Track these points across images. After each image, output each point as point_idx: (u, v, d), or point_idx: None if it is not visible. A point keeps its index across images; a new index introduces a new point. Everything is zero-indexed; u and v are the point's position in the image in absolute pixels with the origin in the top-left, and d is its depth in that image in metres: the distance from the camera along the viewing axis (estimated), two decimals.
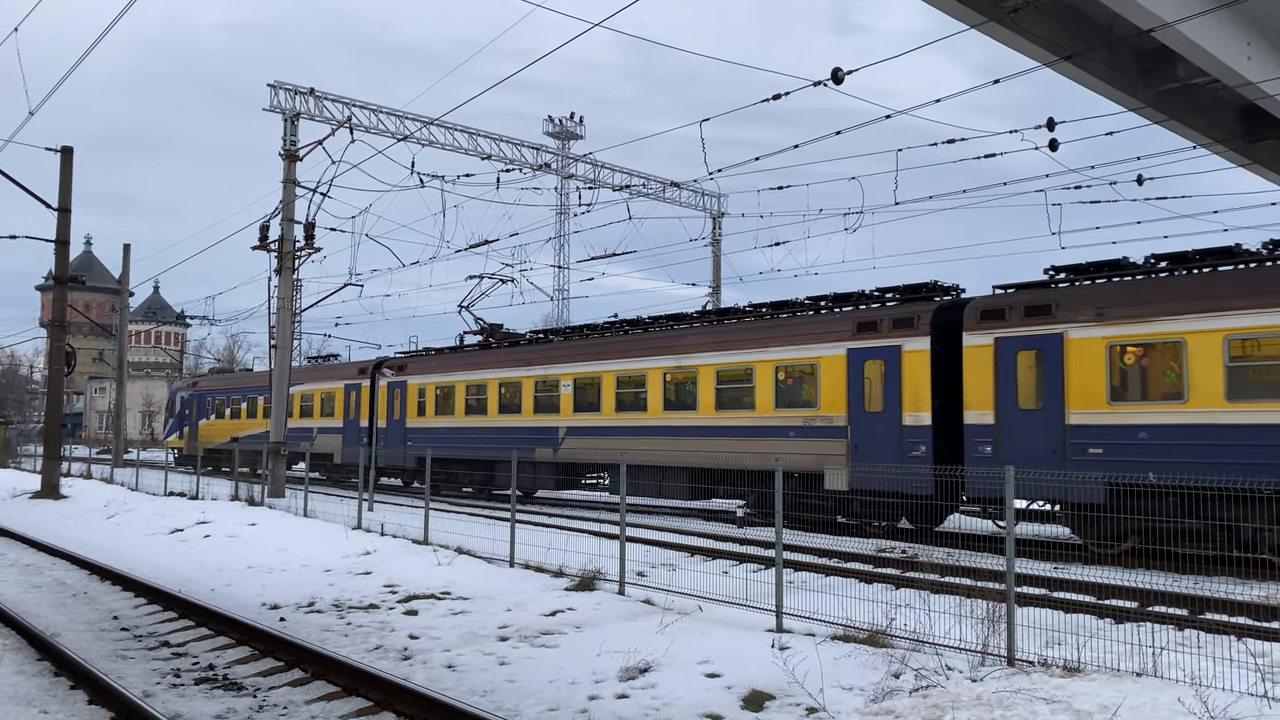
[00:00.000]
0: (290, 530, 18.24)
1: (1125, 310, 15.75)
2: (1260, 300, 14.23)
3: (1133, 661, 7.88)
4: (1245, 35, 15.97)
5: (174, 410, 46.98)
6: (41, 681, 8.43)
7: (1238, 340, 14.38)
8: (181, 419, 45.36)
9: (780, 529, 10.67)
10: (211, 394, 43.38)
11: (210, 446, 37.89)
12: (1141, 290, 15.97)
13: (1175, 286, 15.78)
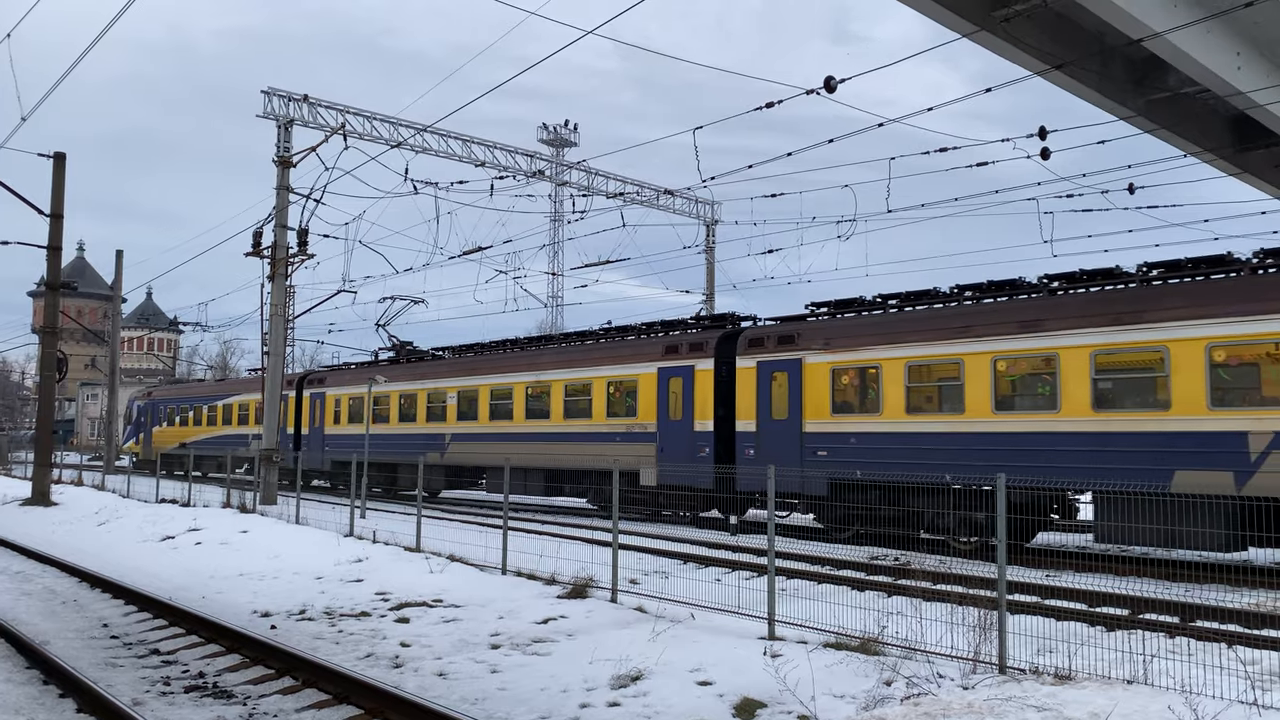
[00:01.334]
0: (282, 537, 18.18)
1: (842, 342, 19.47)
2: (930, 336, 18.09)
3: (1124, 669, 7.89)
4: (1235, 45, 16.08)
5: (131, 418, 50.08)
6: (30, 690, 8.39)
7: (914, 367, 18.25)
8: (138, 426, 47.88)
9: (772, 537, 10.67)
10: (164, 402, 46.21)
11: (163, 451, 40.72)
12: (852, 326, 19.80)
13: (873, 324, 19.46)
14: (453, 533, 18.57)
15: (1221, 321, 14.46)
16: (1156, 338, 15.09)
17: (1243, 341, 14.31)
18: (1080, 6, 14.39)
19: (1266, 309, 14.06)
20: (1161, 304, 15.28)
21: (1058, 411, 16.14)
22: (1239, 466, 14.06)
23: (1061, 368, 16.12)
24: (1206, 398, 14.55)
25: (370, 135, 29.78)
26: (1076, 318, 16.21)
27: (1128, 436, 15.30)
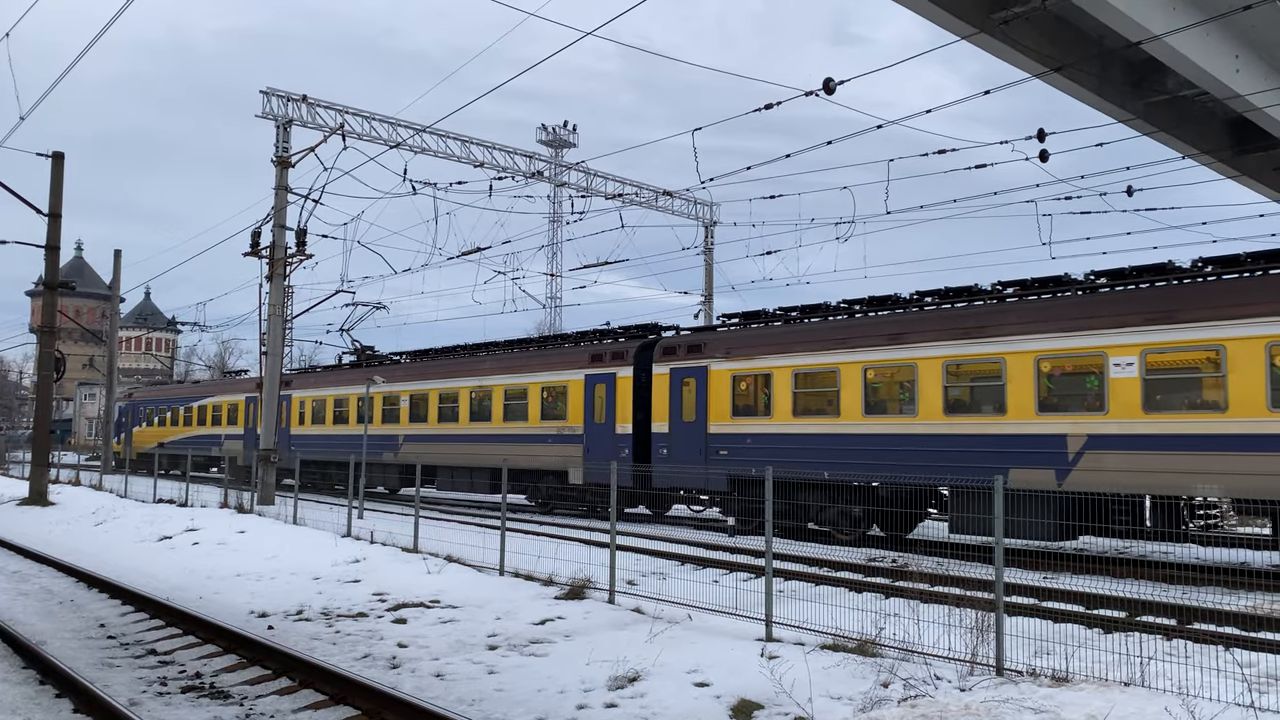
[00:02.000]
0: (279, 538, 18.16)
1: (741, 351, 21.23)
2: (814, 347, 19.81)
3: (1121, 671, 7.89)
4: (1233, 48, 16.10)
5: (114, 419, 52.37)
6: (26, 690, 8.37)
7: (800, 374, 20.00)
8: (119, 426, 49.76)
9: (770, 539, 10.67)
10: (144, 404, 48.52)
11: (142, 450, 43.18)
12: (750, 337, 21.51)
13: (768, 335, 21.09)
14: (450, 533, 18.57)
15: (1049, 337, 16.28)
16: (996, 350, 16.89)
17: (1065, 354, 16.18)
18: (1079, 9, 14.41)
19: (1086, 326, 15.82)
20: (1001, 321, 17.05)
21: (916, 416, 17.93)
22: (1060, 465, 15.89)
23: (920, 376, 17.89)
24: (1035, 404, 16.35)
25: (369, 135, 29.76)
26: (933, 331, 17.95)
27: (972, 438, 17.07)
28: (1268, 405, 13.98)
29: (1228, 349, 14.40)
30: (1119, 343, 15.46)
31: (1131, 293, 16.20)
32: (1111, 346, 15.54)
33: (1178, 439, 14.78)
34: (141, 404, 48.60)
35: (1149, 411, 15.16)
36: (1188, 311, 14.86)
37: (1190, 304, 14.98)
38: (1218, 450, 14.34)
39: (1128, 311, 15.58)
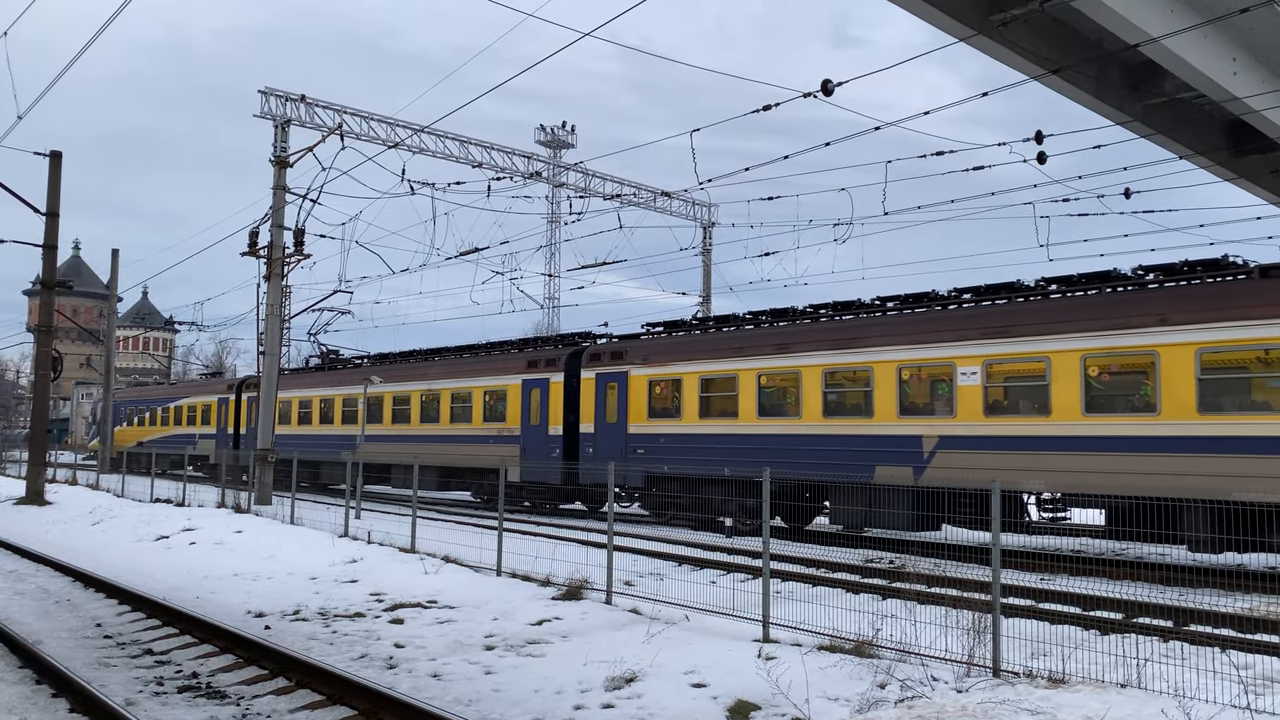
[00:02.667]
0: (277, 538, 18.15)
1: (657, 358, 23.15)
2: (716, 355, 21.89)
3: (1117, 673, 7.89)
4: (1231, 51, 16.12)
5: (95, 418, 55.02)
6: (22, 689, 8.36)
7: (705, 380, 21.88)
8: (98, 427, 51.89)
9: (767, 539, 10.68)
10: (124, 404, 50.16)
11: (122, 449, 44.00)
12: (665, 344, 23.47)
13: (679, 343, 23.29)
14: (447, 534, 18.56)
15: (909, 348, 18.17)
16: (865, 360, 18.82)
17: (922, 364, 18.06)
18: (1077, 11, 14.43)
19: (939, 339, 17.81)
20: (869, 333, 19.01)
21: (800, 418, 19.86)
22: (916, 463, 17.75)
23: (803, 382, 19.82)
24: (897, 408, 18.21)
25: (367, 135, 29.73)
26: (814, 342, 19.99)
27: (847, 438, 18.92)
28: (1082, 410, 15.73)
29: (1052, 360, 16.12)
30: (965, 354, 17.28)
31: (975, 309, 18.01)
32: (959, 358, 17.37)
33: (1012, 440, 16.59)
34: (122, 404, 49.99)
35: (989, 415, 17.04)
36: (1020, 328, 16.66)
37: (1023, 321, 16.74)
38: (1043, 450, 16.09)
39: (972, 327, 17.32)
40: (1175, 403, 14.76)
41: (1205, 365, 14.53)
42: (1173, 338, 14.79)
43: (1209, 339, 14.49)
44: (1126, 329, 15.40)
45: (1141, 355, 15.26)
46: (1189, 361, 14.62)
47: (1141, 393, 15.43)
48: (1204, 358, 14.54)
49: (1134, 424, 15.22)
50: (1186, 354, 14.65)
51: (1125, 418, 15.39)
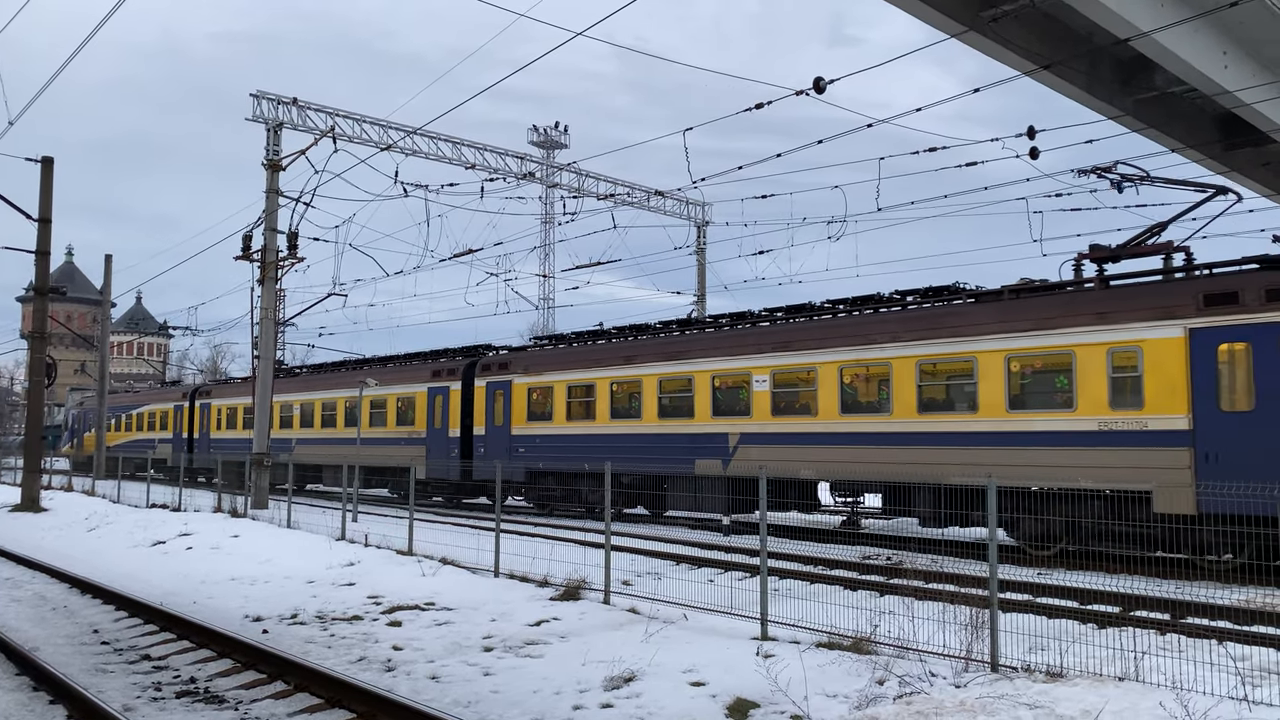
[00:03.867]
0: (273, 542, 18.12)
1: (535, 368, 26.26)
2: (579, 365, 24.96)
3: (1115, 666, 7.92)
4: (1221, 44, 16.15)
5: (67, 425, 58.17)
6: (20, 696, 8.34)
7: (571, 387, 25.12)
8: (72, 432, 55.85)
9: (764, 538, 10.68)
10: (92, 412, 52.35)
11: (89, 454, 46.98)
12: (541, 356, 26.86)
13: (552, 355, 26.48)
14: (445, 536, 18.54)
15: (719, 360, 21.56)
16: (687, 370, 22.14)
17: (729, 373, 21.33)
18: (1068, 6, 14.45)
19: (741, 352, 21.15)
20: (691, 348, 22.31)
21: (641, 419, 23.07)
22: (724, 455, 21.02)
23: (644, 389, 23.14)
24: (711, 410, 21.47)
25: (360, 138, 29.71)
26: (651, 355, 23.24)
27: (676, 436, 22.19)
28: (839, 411, 19.11)
29: (818, 370, 19.55)
30: (759, 365, 20.66)
31: (770, 328, 21.36)
32: (755, 368, 20.74)
33: (791, 435, 19.91)
34: (90, 411, 52.94)
35: (775, 415, 20.31)
36: (796, 344, 20.14)
37: (798, 338, 20.18)
38: (812, 444, 19.40)
39: (765, 343, 20.75)
40: (903, 404, 18.11)
41: (923, 374, 17.95)
42: (900, 352, 18.21)
43: (924, 353, 17.88)
44: (870, 344, 18.77)
45: (880, 366, 18.59)
46: (911, 371, 17.94)
47: (880, 396, 18.66)
48: (922, 367, 17.93)
49: (874, 422, 18.57)
50: (909, 365, 18.00)
51: (869, 417, 18.78)
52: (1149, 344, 15.22)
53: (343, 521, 19.59)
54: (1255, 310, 14.27)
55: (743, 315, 22.84)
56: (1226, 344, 14.59)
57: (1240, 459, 13.97)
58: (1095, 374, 15.72)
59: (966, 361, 17.32)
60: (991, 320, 17.12)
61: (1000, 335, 16.86)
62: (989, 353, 16.94)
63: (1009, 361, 16.76)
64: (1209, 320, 14.74)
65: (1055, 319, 16.36)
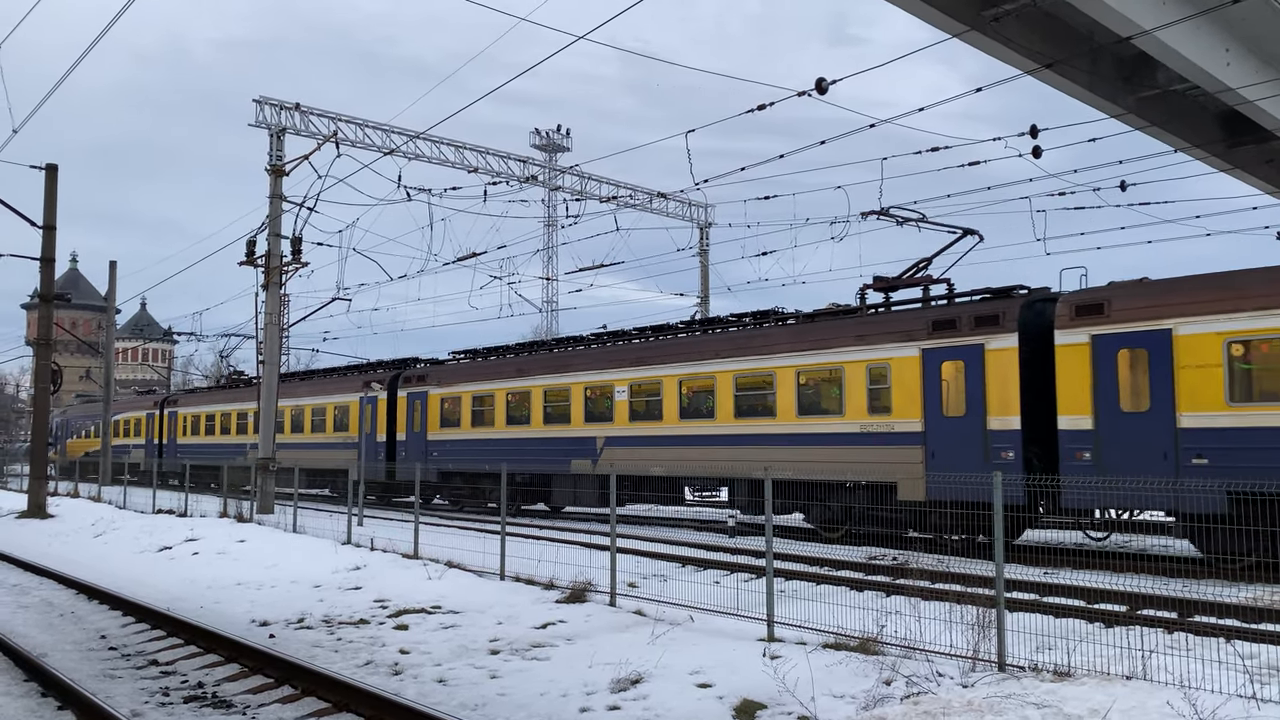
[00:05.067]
0: (279, 546, 18.14)
1: (448, 380, 29.55)
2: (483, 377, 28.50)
3: (1122, 665, 7.90)
4: (1224, 42, 16.12)
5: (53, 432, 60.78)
6: (28, 702, 8.36)
7: (475, 396, 28.35)
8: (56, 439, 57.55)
9: (770, 539, 10.67)
10: (75, 419, 57.35)
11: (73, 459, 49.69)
12: (453, 370, 30.19)
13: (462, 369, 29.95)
14: (450, 539, 18.54)
15: (587, 374, 24.96)
16: (566, 381, 25.51)
17: (597, 385, 24.61)
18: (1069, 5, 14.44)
19: (606, 366, 24.50)
20: (571, 363, 25.74)
21: (530, 425, 26.39)
22: (593, 456, 24.30)
23: (532, 399, 26.45)
24: (583, 417, 24.78)
25: (363, 143, 29.75)
26: (539, 368, 26.58)
27: (556, 439, 25.43)
28: (679, 417, 22.44)
29: (664, 382, 22.92)
30: (619, 378, 24.03)
31: (627, 346, 24.90)
32: (616, 380, 24.12)
33: (645, 438, 23.17)
34: (73, 419, 57.51)
35: (632, 421, 23.58)
36: (647, 360, 23.51)
37: (649, 355, 23.59)
38: (660, 445, 22.70)
39: (624, 360, 24.18)
40: (724, 411, 21.47)
41: (738, 385, 21.23)
42: (722, 367, 21.69)
43: (739, 368, 21.27)
44: (701, 361, 22.25)
45: (707, 379, 21.99)
46: (730, 383, 21.38)
47: (707, 404, 21.96)
48: (738, 381, 21.20)
49: (704, 426, 21.90)
50: (729, 378, 21.43)
51: (701, 422, 21.98)
52: (895, 361, 18.50)
53: (348, 526, 19.61)
54: (967, 334, 17.49)
55: (611, 334, 26.86)
56: (948, 361, 17.70)
57: (954, 456, 17.22)
58: (858, 386, 19.05)
59: (768, 375, 20.75)
60: (786, 342, 20.59)
61: (791, 354, 20.34)
62: (783, 368, 20.44)
63: (798, 375, 20.17)
64: (936, 342, 17.90)
65: (830, 340, 19.77)
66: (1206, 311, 14.86)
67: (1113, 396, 15.65)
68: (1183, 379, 14.92)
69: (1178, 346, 15.01)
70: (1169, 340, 15.09)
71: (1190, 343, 14.90)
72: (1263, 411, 14.19)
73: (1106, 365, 15.73)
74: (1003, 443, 16.76)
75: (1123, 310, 15.70)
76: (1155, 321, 15.29)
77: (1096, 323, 15.91)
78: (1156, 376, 15.23)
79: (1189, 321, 14.97)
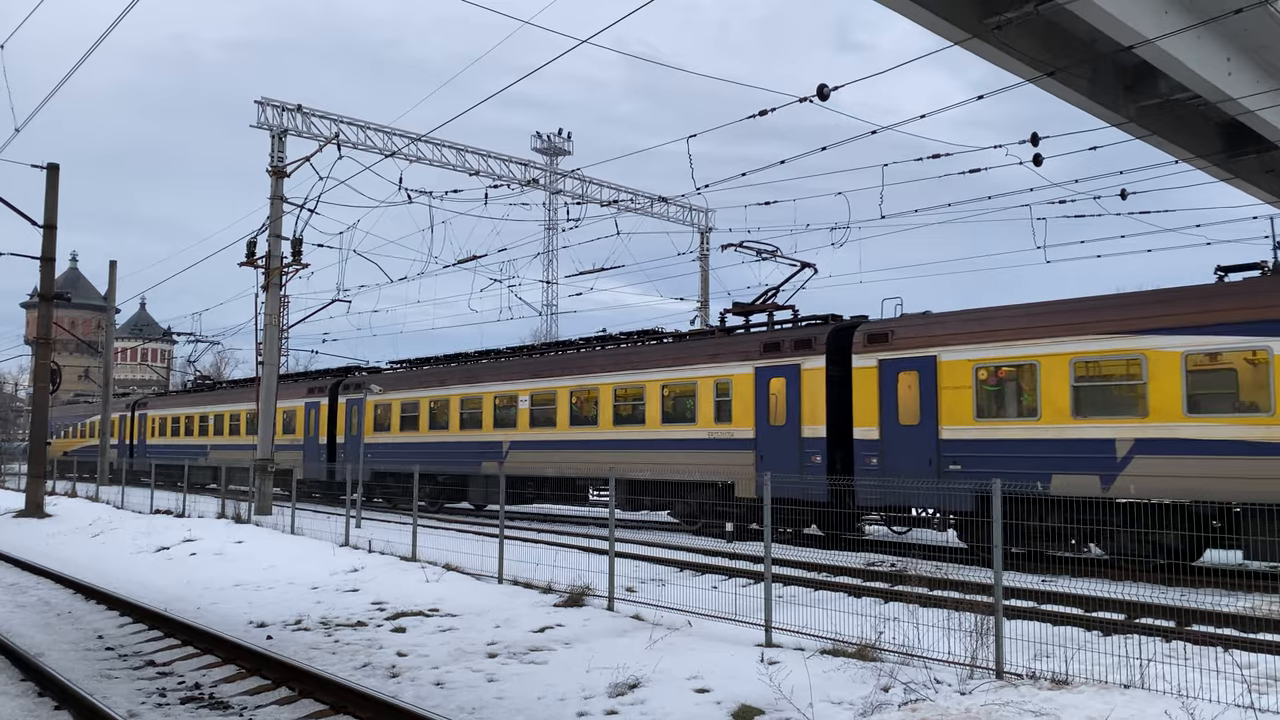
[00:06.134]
0: (277, 548, 18.13)
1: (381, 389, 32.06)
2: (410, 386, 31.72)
3: (1120, 673, 7.89)
4: (1225, 51, 16.14)
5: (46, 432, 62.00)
6: (25, 702, 8.35)
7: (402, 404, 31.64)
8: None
9: (769, 544, 10.67)
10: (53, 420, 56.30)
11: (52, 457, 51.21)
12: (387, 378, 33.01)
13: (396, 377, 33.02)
14: (448, 542, 18.52)
15: (496, 384, 27.94)
16: (480, 391, 28.36)
17: (504, 394, 27.59)
18: (1071, 14, 14.46)
19: (512, 379, 27.58)
20: (483, 375, 28.76)
21: (448, 430, 29.08)
22: (500, 458, 27.07)
23: (450, 407, 29.05)
24: (493, 423, 27.76)
25: (364, 145, 29.75)
26: (455, 379, 29.36)
27: (470, 444, 28.16)
28: (569, 424, 25.38)
29: (558, 392, 25.75)
30: (522, 389, 27.02)
31: (527, 360, 28.06)
32: (519, 391, 27.09)
33: (541, 442, 26.06)
34: (54, 419, 59.06)
35: (532, 427, 26.49)
36: (547, 373, 26.44)
37: (546, 369, 26.53)
38: (554, 449, 25.49)
39: (525, 372, 27.22)
40: (605, 419, 24.43)
41: (617, 396, 24.14)
42: (604, 380, 24.62)
43: (618, 381, 24.27)
44: (588, 374, 25.18)
45: (593, 390, 24.84)
46: (610, 394, 24.33)
47: (592, 413, 24.79)
48: (617, 392, 24.24)
49: (590, 432, 24.68)
50: (609, 390, 24.40)
51: (586, 428, 24.86)
52: (735, 378, 21.42)
53: (346, 528, 19.60)
54: (788, 355, 20.42)
55: (517, 350, 30.37)
56: (775, 378, 20.62)
57: (778, 459, 20.01)
58: (708, 398, 22.01)
59: (641, 388, 23.61)
60: (655, 359, 23.60)
61: (658, 369, 23.32)
62: (652, 381, 23.38)
63: (663, 388, 23.09)
64: (765, 362, 20.84)
65: (688, 359, 22.78)
66: (961, 342, 17.72)
67: (894, 411, 18.46)
68: (944, 398, 17.71)
69: (940, 371, 17.83)
70: (934, 365, 17.92)
71: (950, 368, 17.73)
72: (999, 425, 17.12)
73: (889, 385, 18.55)
74: (813, 449, 19.69)
75: (902, 339, 18.55)
76: (925, 349, 18.12)
77: (883, 349, 18.73)
78: (925, 395, 17.98)
79: (949, 350, 17.80)
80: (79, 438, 56.22)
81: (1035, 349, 16.68)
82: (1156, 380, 15.24)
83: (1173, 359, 15.11)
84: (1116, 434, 15.53)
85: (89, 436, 54.48)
